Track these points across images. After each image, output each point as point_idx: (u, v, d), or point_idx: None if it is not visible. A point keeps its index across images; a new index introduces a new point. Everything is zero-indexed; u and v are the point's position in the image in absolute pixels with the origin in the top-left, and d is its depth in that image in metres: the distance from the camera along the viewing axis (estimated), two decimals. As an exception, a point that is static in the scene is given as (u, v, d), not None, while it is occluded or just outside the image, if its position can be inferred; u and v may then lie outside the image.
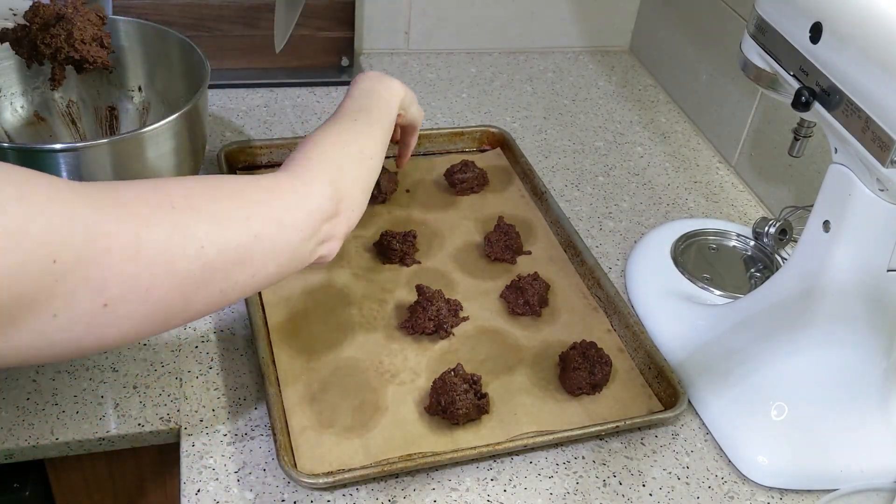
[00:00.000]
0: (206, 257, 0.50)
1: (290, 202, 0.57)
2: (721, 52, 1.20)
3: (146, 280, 0.47)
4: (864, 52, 0.61)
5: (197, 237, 0.50)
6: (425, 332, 0.83)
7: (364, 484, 0.71)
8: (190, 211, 0.50)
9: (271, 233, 0.55)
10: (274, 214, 0.55)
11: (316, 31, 1.24)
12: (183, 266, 0.49)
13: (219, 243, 0.51)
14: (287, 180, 0.59)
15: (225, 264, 0.51)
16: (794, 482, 0.75)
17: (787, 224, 0.97)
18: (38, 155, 0.74)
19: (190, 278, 0.49)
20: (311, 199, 0.59)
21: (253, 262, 0.53)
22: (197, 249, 0.49)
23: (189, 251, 0.49)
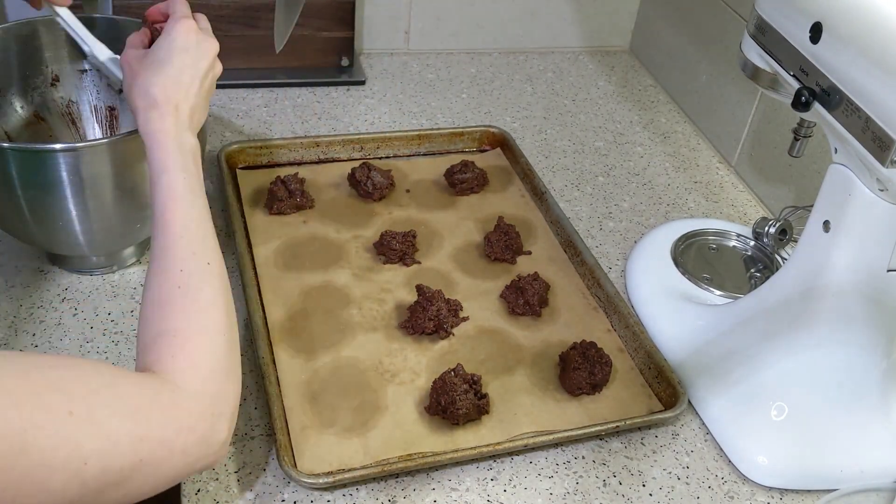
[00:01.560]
0: (85, 476, 0.45)
1: (183, 428, 0.52)
2: (721, 52, 1.20)
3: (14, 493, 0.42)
4: (864, 52, 0.61)
5: (83, 454, 0.45)
6: (425, 332, 0.83)
7: (364, 484, 0.71)
8: (86, 422, 0.46)
9: (158, 458, 0.50)
10: (167, 438, 0.51)
11: (316, 31, 1.24)
12: (59, 483, 0.44)
13: (103, 463, 0.46)
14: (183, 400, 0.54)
15: (101, 484, 0.47)
16: (794, 482, 0.75)
17: (787, 224, 0.97)
18: (38, 155, 0.74)
19: (62, 496, 0.45)
20: (205, 423, 0.54)
21: (130, 484, 0.49)
22: (79, 467, 0.45)
23: (71, 468, 0.45)
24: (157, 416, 0.51)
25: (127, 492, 0.49)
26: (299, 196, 0.98)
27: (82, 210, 0.78)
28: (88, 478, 0.45)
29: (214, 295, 0.60)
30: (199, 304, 0.59)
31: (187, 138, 0.66)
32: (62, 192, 0.76)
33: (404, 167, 1.08)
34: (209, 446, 0.54)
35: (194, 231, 0.62)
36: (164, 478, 0.52)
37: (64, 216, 0.78)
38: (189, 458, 0.53)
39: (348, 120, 1.19)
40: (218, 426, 0.55)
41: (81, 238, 0.81)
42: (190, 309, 0.59)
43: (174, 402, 0.53)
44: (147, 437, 0.49)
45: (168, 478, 0.52)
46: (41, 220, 0.79)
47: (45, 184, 0.75)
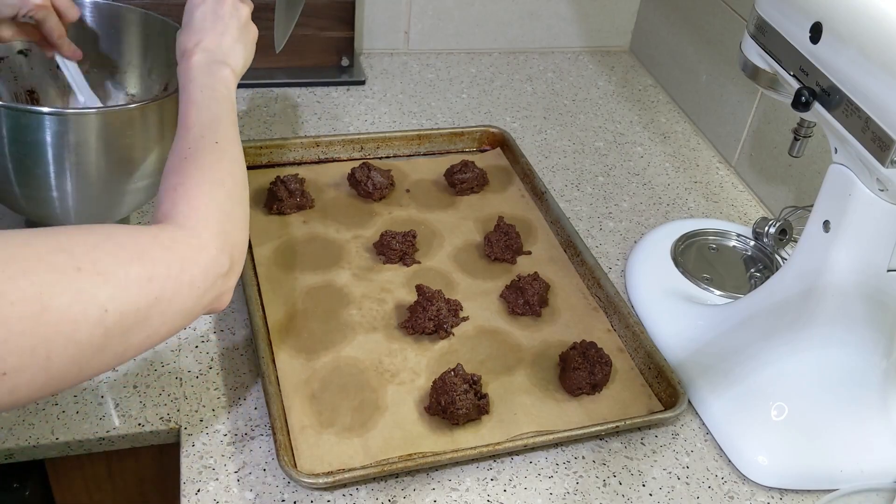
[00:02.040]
0: (107, 322, 0.48)
1: (187, 260, 0.55)
2: (721, 52, 1.20)
3: (45, 350, 0.45)
4: (864, 52, 0.61)
5: (100, 302, 0.48)
6: (425, 332, 0.83)
7: (364, 484, 0.71)
8: (95, 274, 0.48)
9: (170, 294, 0.53)
10: (173, 274, 0.54)
11: (316, 31, 1.24)
12: (85, 334, 0.47)
13: (121, 307, 0.49)
14: (183, 236, 0.57)
15: (124, 328, 0.50)
16: (794, 482, 0.75)
17: (787, 224, 0.97)
18: (25, 115, 0.75)
19: (90, 345, 0.48)
20: (207, 254, 0.57)
21: (150, 324, 0.52)
22: (100, 315, 0.48)
23: (92, 318, 0.47)
24: (159, 255, 0.53)
25: (149, 333, 0.52)
26: (299, 196, 0.98)
27: (66, 179, 0.79)
28: (110, 324, 0.48)
29: (218, 161, 0.64)
30: (201, 167, 0.63)
31: (218, 68, 0.71)
32: (46, 158, 0.76)
33: (404, 167, 1.08)
34: (213, 278, 0.57)
35: (206, 125, 0.66)
36: (179, 314, 0.54)
37: (48, 183, 0.79)
38: (197, 290, 0.55)
39: (348, 120, 1.19)
40: (220, 259, 0.58)
41: (59, 207, 0.81)
42: (191, 168, 0.62)
43: (174, 239, 0.56)
44: (154, 275, 0.52)
45: (182, 313, 0.55)
46: (26, 185, 0.79)
47: (31, 148, 0.75)
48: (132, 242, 0.53)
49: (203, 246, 0.57)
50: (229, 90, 0.71)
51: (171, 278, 0.53)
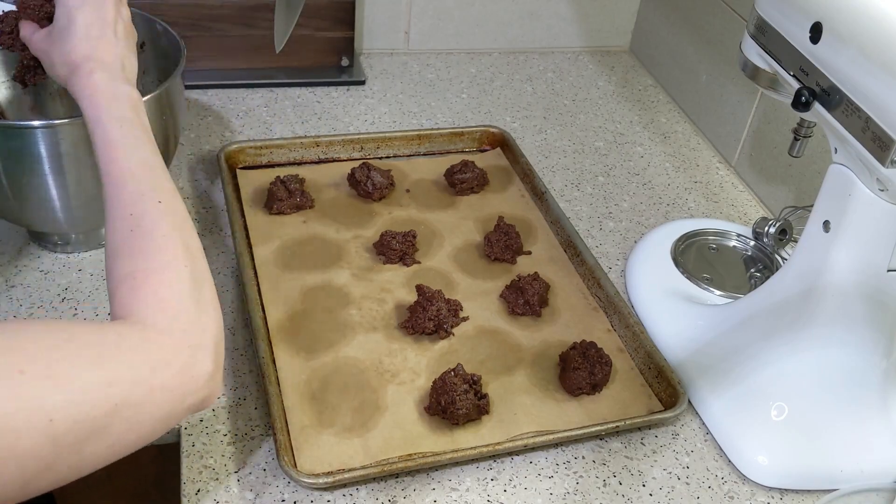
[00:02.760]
0: (54, 432, 0.43)
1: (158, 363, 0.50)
2: (721, 52, 1.20)
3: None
4: (864, 52, 0.61)
5: (45, 409, 0.43)
6: (425, 332, 0.83)
7: (364, 484, 0.71)
8: (41, 377, 0.43)
9: (136, 400, 0.48)
10: (141, 378, 0.48)
11: (316, 31, 1.24)
12: (27, 444, 0.42)
13: (72, 416, 0.44)
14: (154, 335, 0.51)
15: (77, 438, 0.45)
16: (794, 482, 0.75)
17: (787, 224, 0.97)
18: (17, 131, 0.75)
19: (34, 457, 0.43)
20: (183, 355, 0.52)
21: (110, 433, 0.47)
22: (45, 424, 0.43)
23: (36, 426, 0.42)
24: (124, 358, 0.48)
25: (112, 442, 0.47)
26: (299, 196, 0.98)
27: (62, 187, 0.79)
28: (59, 434, 0.44)
29: (170, 230, 0.58)
30: (155, 241, 0.57)
31: (122, 89, 0.64)
32: (41, 169, 0.77)
33: (404, 167, 1.08)
34: (193, 379, 0.52)
35: (139, 175, 0.59)
36: (150, 420, 0.50)
37: (45, 194, 0.79)
38: (173, 393, 0.51)
39: (348, 120, 1.19)
40: (198, 357, 0.53)
41: (59, 214, 0.82)
42: (146, 249, 0.56)
43: (143, 339, 0.51)
44: (116, 380, 0.47)
45: (155, 419, 0.50)
46: (23, 198, 0.80)
47: (24, 160, 0.76)
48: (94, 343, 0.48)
49: (176, 347, 0.52)
50: (141, 114, 0.63)
51: (139, 383, 0.48)
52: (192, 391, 0.52)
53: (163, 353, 0.51)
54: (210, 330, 0.55)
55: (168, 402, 0.50)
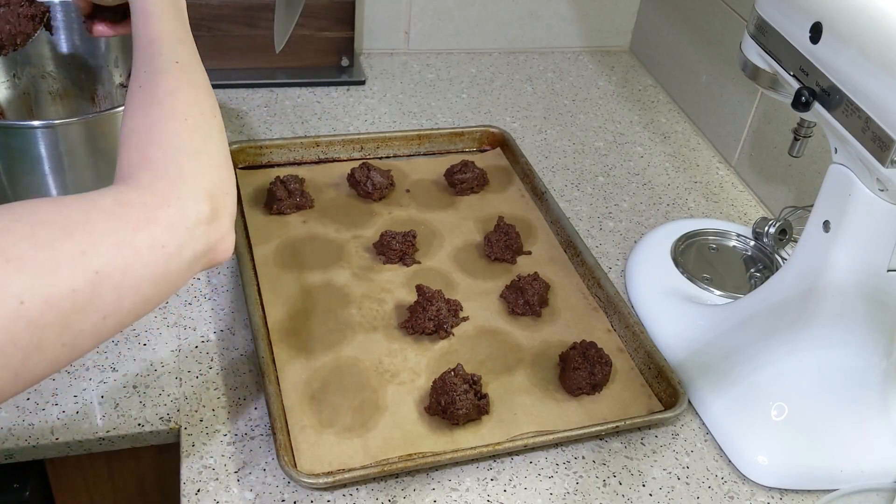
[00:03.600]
0: (28, 314, 0.41)
1: (140, 221, 0.47)
2: (721, 52, 1.20)
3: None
4: (864, 52, 0.61)
5: (12, 293, 0.41)
6: (425, 332, 0.83)
7: (364, 484, 0.71)
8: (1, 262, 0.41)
9: (119, 263, 0.45)
10: (121, 240, 0.46)
11: (316, 31, 1.24)
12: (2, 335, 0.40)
13: (43, 294, 0.42)
14: (134, 196, 0.49)
15: (59, 315, 0.43)
16: (794, 482, 0.75)
17: (787, 224, 0.97)
18: (17, 131, 0.75)
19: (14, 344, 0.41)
20: (170, 209, 0.49)
21: (101, 303, 0.45)
22: (15, 308, 0.41)
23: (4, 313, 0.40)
24: (98, 224, 0.45)
25: (106, 312, 0.45)
26: (299, 196, 0.98)
27: (61, 186, 0.79)
28: (34, 315, 0.41)
29: (175, 83, 0.56)
30: (157, 95, 0.55)
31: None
32: (41, 169, 0.77)
33: (404, 167, 1.08)
34: (185, 230, 0.50)
35: (164, 39, 0.59)
36: (147, 282, 0.47)
37: (43, 192, 0.79)
38: (165, 249, 0.48)
39: (348, 120, 1.19)
40: (189, 206, 0.50)
41: None
42: (147, 102, 0.55)
43: (121, 202, 0.48)
44: (89, 247, 0.44)
45: (152, 280, 0.48)
46: (22, 197, 0.79)
47: (24, 160, 0.76)
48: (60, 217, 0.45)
49: (162, 200, 0.49)
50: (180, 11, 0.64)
51: (119, 245, 0.46)
52: (187, 242, 0.50)
53: (144, 211, 0.48)
54: (209, 179, 0.53)
55: (161, 259, 0.48)
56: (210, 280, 0.89)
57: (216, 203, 0.52)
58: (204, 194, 0.52)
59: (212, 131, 0.56)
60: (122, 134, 0.54)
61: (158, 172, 0.51)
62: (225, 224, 0.54)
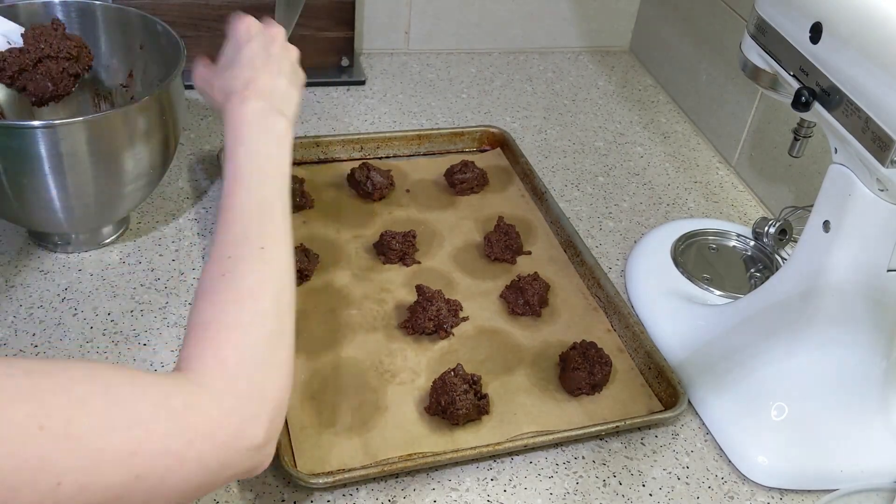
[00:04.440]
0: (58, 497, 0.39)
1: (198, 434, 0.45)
2: (721, 52, 1.20)
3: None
4: (864, 52, 0.61)
5: (55, 472, 0.39)
6: (425, 332, 0.83)
7: (364, 484, 0.71)
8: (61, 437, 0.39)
9: (161, 471, 0.43)
10: (172, 449, 0.44)
11: (316, 31, 1.24)
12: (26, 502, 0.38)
13: (83, 482, 0.40)
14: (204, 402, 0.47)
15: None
16: (794, 482, 0.75)
17: (787, 224, 0.97)
18: (17, 131, 0.75)
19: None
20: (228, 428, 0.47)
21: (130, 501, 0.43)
22: (51, 487, 0.39)
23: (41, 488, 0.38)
24: (161, 426, 0.44)
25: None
26: (299, 196, 0.98)
27: (62, 188, 0.79)
28: (64, 499, 0.40)
29: (261, 282, 0.54)
30: (240, 292, 0.53)
31: (273, 120, 0.62)
32: (41, 169, 0.77)
33: (404, 167, 1.08)
34: (236, 452, 0.48)
35: (251, 216, 0.56)
36: (177, 492, 0.45)
37: (45, 194, 0.79)
38: (209, 467, 0.46)
39: (348, 120, 1.19)
40: (248, 430, 0.48)
41: (58, 214, 0.82)
42: (228, 298, 0.52)
43: (188, 406, 0.46)
44: (142, 447, 0.43)
45: (184, 491, 0.46)
46: (22, 197, 0.80)
47: (24, 160, 0.76)
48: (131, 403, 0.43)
49: (225, 417, 0.47)
50: (284, 149, 0.61)
51: (170, 454, 0.44)
52: (233, 464, 0.48)
53: (207, 425, 0.46)
54: (271, 399, 0.51)
55: (201, 475, 0.46)
56: (210, 280, 0.89)
57: (273, 426, 0.51)
58: (266, 418, 0.50)
59: (283, 337, 0.54)
60: (195, 319, 0.52)
61: (230, 383, 0.49)
62: (272, 448, 0.52)
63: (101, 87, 0.96)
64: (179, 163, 1.05)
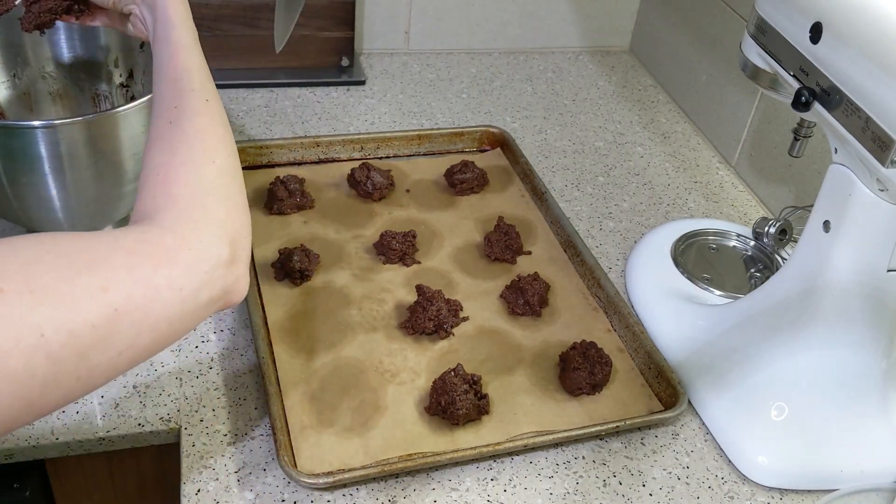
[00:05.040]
0: (49, 347, 0.41)
1: (160, 261, 0.48)
2: (721, 52, 1.20)
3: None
4: (864, 52, 0.61)
5: (34, 323, 0.41)
6: (425, 332, 0.83)
7: (364, 484, 0.71)
8: (24, 292, 0.41)
9: (138, 301, 0.46)
10: (140, 278, 0.46)
11: (316, 31, 1.24)
12: (19, 363, 0.40)
13: (66, 327, 0.42)
14: (155, 235, 0.50)
15: (78, 350, 0.43)
16: (794, 482, 0.75)
17: (787, 224, 0.97)
18: (17, 131, 0.75)
19: (31, 376, 0.41)
20: (190, 251, 0.50)
21: (118, 340, 0.45)
22: (36, 339, 0.41)
23: (25, 343, 0.40)
24: (120, 261, 0.46)
25: (122, 348, 0.46)
26: (299, 196, 0.98)
27: (62, 187, 0.79)
28: (54, 348, 0.41)
29: (207, 123, 0.57)
30: (188, 134, 0.56)
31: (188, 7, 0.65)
32: (41, 169, 0.77)
33: (404, 167, 1.08)
34: (205, 273, 0.50)
35: (195, 75, 0.60)
36: (164, 321, 0.48)
37: (45, 193, 0.79)
38: (183, 291, 0.48)
39: (348, 120, 1.19)
40: (211, 249, 0.51)
41: (58, 214, 0.82)
42: (176, 140, 0.56)
43: (142, 240, 0.48)
44: (111, 283, 0.45)
45: (169, 319, 0.48)
46: (22, 197, 0.80)
47: (24, 160, 0.76)
48: (83, 252, 0.45)
49: (183, 243, 0.50)
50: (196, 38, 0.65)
51: (139, 283, 0.46)
52: (204, 284, 0.50)
53: (164, 251, 0.49)
54: (230, 222, 0.54)
55: (179, 300, 0.48)
56: (210, 280, 0.89)
57: (236, 247, 0.53)
58: (226, 238, 0.53)
59: (235, 173, 0.57)
60: (146, 168, 0.55)
61: (182, 213, 0.52)
62: (241, 267, 0.54)
63: (102, 87, 0.96)
64: (179, 163, 1.05)
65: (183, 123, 0.57)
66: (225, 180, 0.56)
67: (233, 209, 0.55)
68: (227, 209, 0.55)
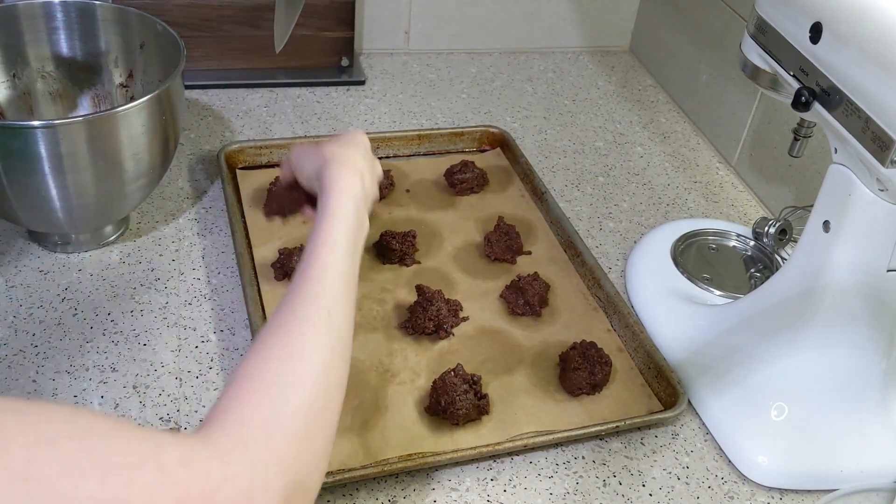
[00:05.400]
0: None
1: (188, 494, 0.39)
2: (721, 52, 1.20)
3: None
4: (864, 52, 0.61)
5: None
6: (425, 332, 0.83)
7: (364, 484, 0.71)
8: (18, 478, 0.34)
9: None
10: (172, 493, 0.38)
11: (316, 31, 1.24)
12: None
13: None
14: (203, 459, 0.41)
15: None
16: (794, 482, 0.75)
17: (787, 224, 0.97)
18: (17, 131, 0.75)
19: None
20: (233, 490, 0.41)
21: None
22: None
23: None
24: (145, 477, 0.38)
25: None
26: (299, 196, 0.98)
27: (62, 188, 0.79)
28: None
29: (315, 346, 0.51)
30: (290, 350, 0.50)
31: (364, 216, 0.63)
32: (41, 169, 0.77)
33: (404, 167, 1.08)
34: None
35: (330, 279, 0.55)
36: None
37: (45, 194, 0.79)
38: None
39: (348, 120, 1.19)
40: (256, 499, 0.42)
41: (58, 215, 0.82)
42: (275, 355, 0.49)
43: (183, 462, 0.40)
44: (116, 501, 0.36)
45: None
46: (22, 197, 0.80)
47: (24, 160, 0.76)
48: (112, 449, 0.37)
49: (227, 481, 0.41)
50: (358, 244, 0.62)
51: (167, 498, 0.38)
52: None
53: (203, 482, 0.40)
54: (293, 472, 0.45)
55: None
56: (210, 280, 0.89)
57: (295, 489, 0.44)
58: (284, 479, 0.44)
59: (325, 412, 0.50)
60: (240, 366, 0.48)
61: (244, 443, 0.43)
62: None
63: (101, 87, 0.96)
64: (179, 163, 1.05)
65: (291, 337, 0.51)
66: (312, 414, 0.48)
67: (307, 457, 0.46)
68: (300, 456, 0.46)
